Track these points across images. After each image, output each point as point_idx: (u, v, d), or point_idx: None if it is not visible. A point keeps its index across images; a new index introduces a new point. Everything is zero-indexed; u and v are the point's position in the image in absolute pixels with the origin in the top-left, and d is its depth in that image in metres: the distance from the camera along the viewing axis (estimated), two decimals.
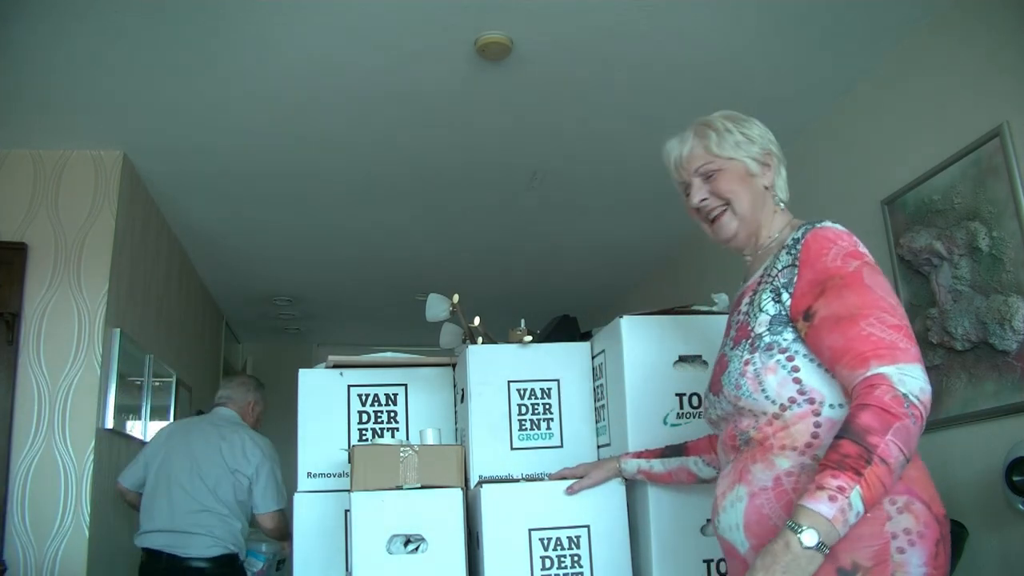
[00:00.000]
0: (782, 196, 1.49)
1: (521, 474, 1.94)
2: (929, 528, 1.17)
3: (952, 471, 2.57)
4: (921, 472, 1.23)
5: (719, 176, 1.48)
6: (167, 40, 2.72)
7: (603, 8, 2.63)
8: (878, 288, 1.22)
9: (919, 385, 1.13)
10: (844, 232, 1.32)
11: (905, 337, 1.17)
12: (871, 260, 1.27)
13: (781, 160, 1.50)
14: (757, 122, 1.52)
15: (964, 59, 2.58)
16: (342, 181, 3.94)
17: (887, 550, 1.14)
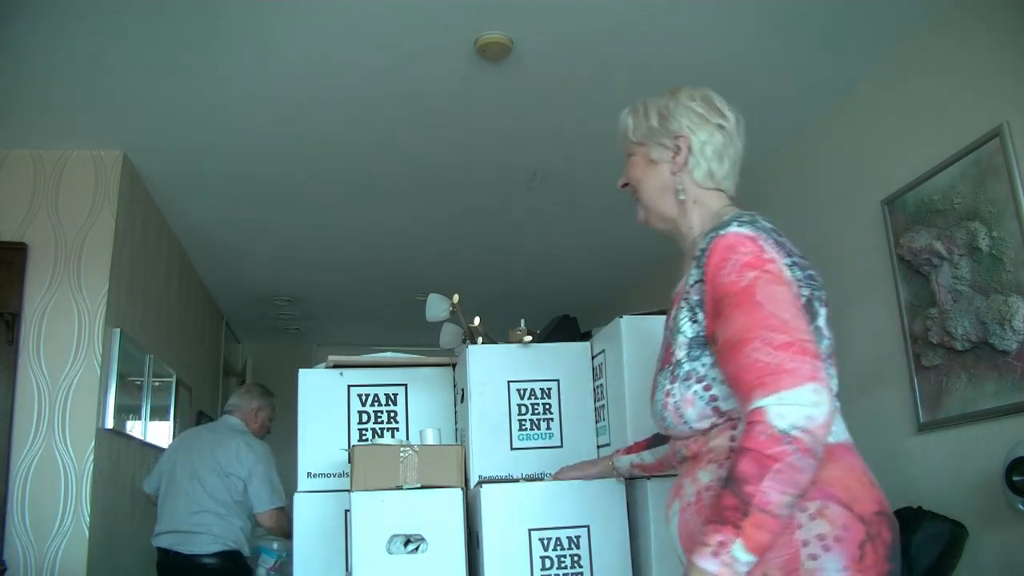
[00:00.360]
0: (700, 181, 1.40)
1: (521, 474, 1.94)
2: (849, 530, 1.13)
3: (952, 471, 2.57)
4: (845, 471, 1.17)
5: (631, 162, 1.48)
6: (167, 40, 2.72)
7: (603, 8, 2.63)
8: (769, 302, 1.14)
9: (804, 413, 1.06)
10: (748, 236, 1.22)
11: (795, 355, 1.09)
12: (775, 267, 1.18)
13: (709, 141, 1.40)
14: (694, 100, 1.43)
15: (964, 59, 2.58)
16: (342, 181, 3.94)
17: (797, 558, 1.11)
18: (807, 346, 1.11)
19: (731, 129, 1.43)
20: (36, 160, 3.42)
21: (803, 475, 1.07)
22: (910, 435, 2.78)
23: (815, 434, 1.06)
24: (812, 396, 1.07)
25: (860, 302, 3.08)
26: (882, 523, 1.17)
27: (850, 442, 1.24)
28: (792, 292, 1.18)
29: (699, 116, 1.41)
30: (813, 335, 1.15)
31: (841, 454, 1.19)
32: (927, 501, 2.55)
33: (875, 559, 1.14)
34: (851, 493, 1.15)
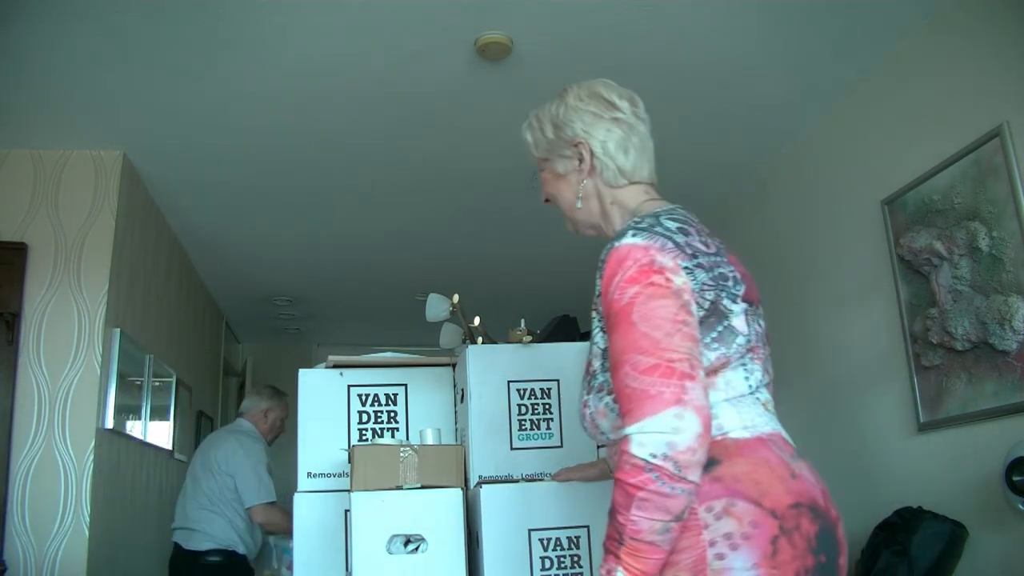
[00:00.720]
0: (612, 181, 1.38)
1: (521, 474, 1.94)
2: (758, 526, 1.10)
3: (952, 471, 2.57)
4: (755, 465, 1.16)
5: (542, 178, 1.47)
6: (167, 40, 2.72)
7: (603, 8, 2.63)
8: (644, 322, 1.13)
9: (664, 440, 1.06)
10: (638, 246, 1.19)
11: (660, 378, 1.09)
12: (660, 279, 1.16)
13: (608, 138, 1.37)
14: (583, 100, 1.40)
15: (964, 59, 2.58)
16: (342, 181, 3.94)
17: (704, 559, 1.10)
18: (674, 367, 1.10)
19: (627, 118, 1.40)
20: (36, 160, 3.42)
21: (672, 500, 1.07)
22: (910, 435, 2.78)
23: (678, 459, 1.06)
24: (673, 422, 1.07)
25: (860, 302, 3.08)
26: (801, 515, 1.13)
27: (771, 434, 1.21)
28: (677, 303, 1.15)
29: (592, 115, 1.39)
30: (689, 351, 1.12)
31: (753, 448, 1.17)
32: (927, 501, 2.55)
33: (793, 553, 1.10)
34: (760, 487, 1.13)
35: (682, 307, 1.16)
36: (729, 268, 1.26)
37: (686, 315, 1.16)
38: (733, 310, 1.23)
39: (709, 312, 1.21)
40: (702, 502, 1.12)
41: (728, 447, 1.17)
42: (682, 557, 1.12)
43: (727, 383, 1.22)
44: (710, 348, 1.20)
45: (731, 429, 1.19)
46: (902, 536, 2.46)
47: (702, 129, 3.43)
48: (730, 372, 1.22)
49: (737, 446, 1.17)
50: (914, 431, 2.76)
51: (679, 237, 1.23)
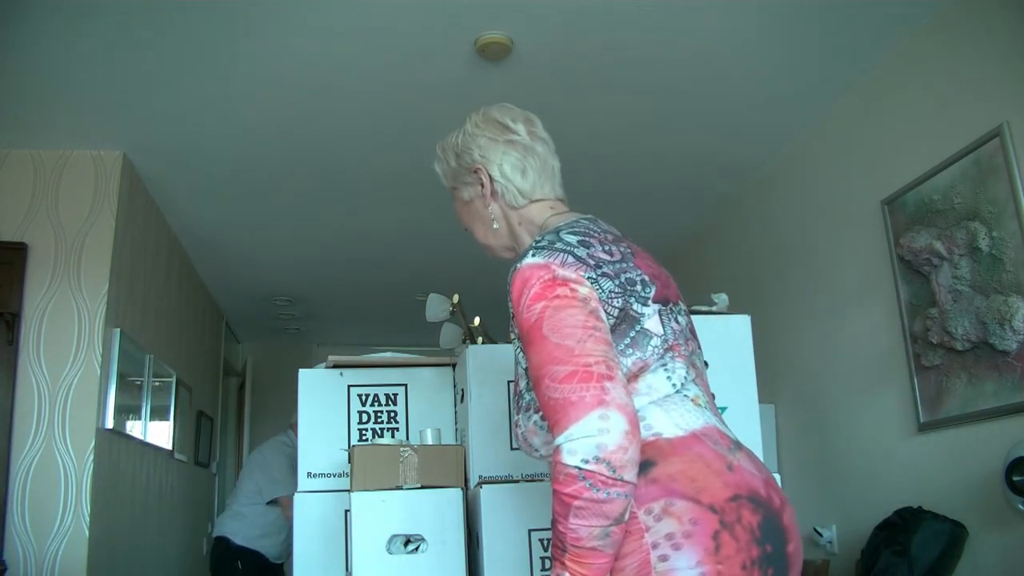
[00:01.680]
0: (514, 202, 1.40)
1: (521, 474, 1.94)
2: (699, 523, 1.10)
3: (952, 471, 2.57)
4: (690, 462, 1.15)
5: (455, 208, 1.49)
6: (167, 40, 2.72)
7: (603, 8, 2.63)
8: (555, 333, 1.14)
9: (592, 443, 1.06)
10: (538, 265, 1.21)
11: (578, 384, 1.10)
12: (565, 291, 1.17)
13: (506, 163, 1.40)
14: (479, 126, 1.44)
15: (964, 59, 2.58)
16: (342, 180, 3.94)
17: (648, 562, 1.10)
18: (591, 370, 1.11)
19: (522, 139, 1.43)
20: (36, 160, 3.42)
21: (608, 505, 1.07)
22: (910, 435, 2.78)
23: (610, 460, 1.06)
24: (598, 423, 1.07)
25: (860, 302, 3.08)
26: (742, 507, 1.13)
27: (704, 428, 1.20)
28: (584, 311, 1.16)
29: (487, 139, 1.42)
30: (604, 354, 1.13)
31: (687, 445, 1.17)
32: (927, 501, 2.55)
33: (736, 546, 1.10)
34: (696, 484, 1.13)
35: (590, 314, 1.16)
36: (636, 272, 1.26)
37: (596, 321, 1.16)
38: (645, 313, 1.23)
39: (619, 319, 1.21)
40: (640, 505, 1.12)
41: (662, 447, 1.17)
42: (627, 563, 1.11)
43: (649, 386, 1.22)
44: (625, 355, 1.20)
45: (663, 429, 1.19)
46: (902, 536, 2.46)
47: (702, 129, 3.43)
48: (650, 375, 1.22)
49: (671, 445, 1.17)
50: (914, 431, 2.76)
51: (580, 251, 1.24)
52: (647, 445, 1.16)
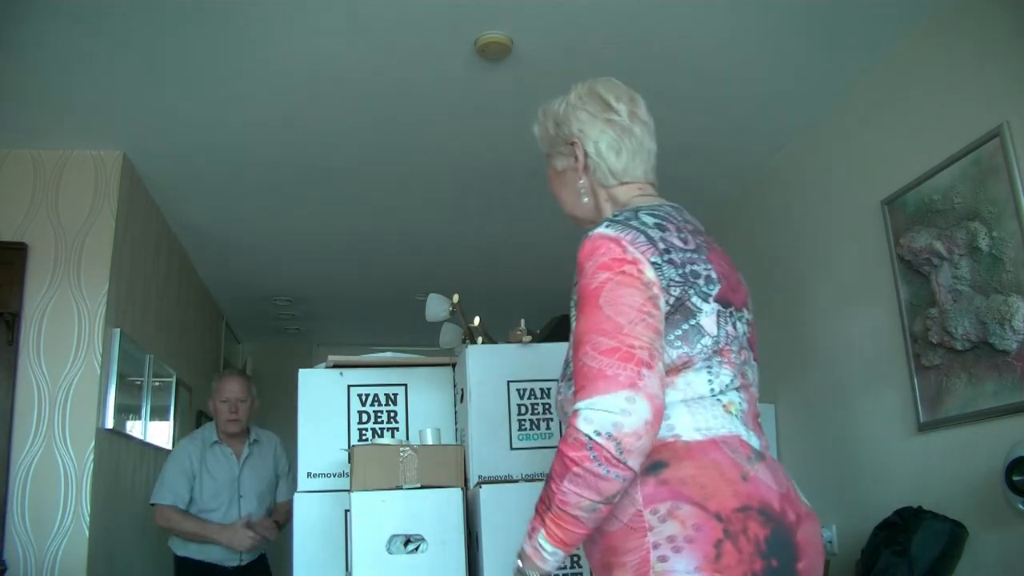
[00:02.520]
0: (603, 181, 1.40)
1: (521, 474, 1.94)
2: (701, 530, 1.10)
3: (952, 471, 2.57)
4: (704, 468, 1.15)
5: (547, 173, 1.49)
6: (167, 40, 2.72)
7: (603, 8, 2.63)
8: (610, 306, 1.15)
9: (611, 420, 1.08)
10: (610, 237, 1.21)
11: (618, 361, 1.11)
12: (632, 269, 1.17)
13: (601, 142, 1.38)
14: (582, 99, 1.41)
15: (964, 59, 2.58)
16: (342, 181, 3.94)
17: (647, 561, 1.11)
18: (634, 352, 1.12)
19: (623, 120, 1.41)
20: (36, 160, 3.42)
21: (604, 482, 1.09)
22: (910, 435, 2.78)
23: (621, 441, 1.08)
24: (623, 404, 1.08)
25: (860, 302, 3.08)
26: (749, 519, 1.12)
27: (726, 436, 1.20)
28: (644, 295, 1.16)
29: (588, 115, 1.40)
30: (651, 341, 1.13)
31: (703, 450, 1.17)
32: (927, 501, 2.55)
33: (739, 557, 1.10)
34: (706, 491, 1.13)
35: (649, 299, 1.17)
36: (705, 266, 1.25)
37: (652, 307, 1.16)
38: (703, 309, 1.22)
39: (674, 308, 1.20)
40: (647, 504, 1.13)
41: (677, 450, 1.17)
42: (628, 559, 1.12)
43: (687, 384, 1.21)
44: (673, 346, 1.20)
45: (682, 431, 1.18)
46: (902, 536, 2.46)
47: (702, 129, 3.43)
48: (692, 373, 1.21)
49: (687, 448, 1.17)
50: (914, 431, 2.76)
51: (654, 232, 1.23)
52: (663, 445, 1.16)
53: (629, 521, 1.14)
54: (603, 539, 1.18)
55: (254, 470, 3.33)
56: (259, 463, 3.37)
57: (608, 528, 1.17)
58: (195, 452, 3.26)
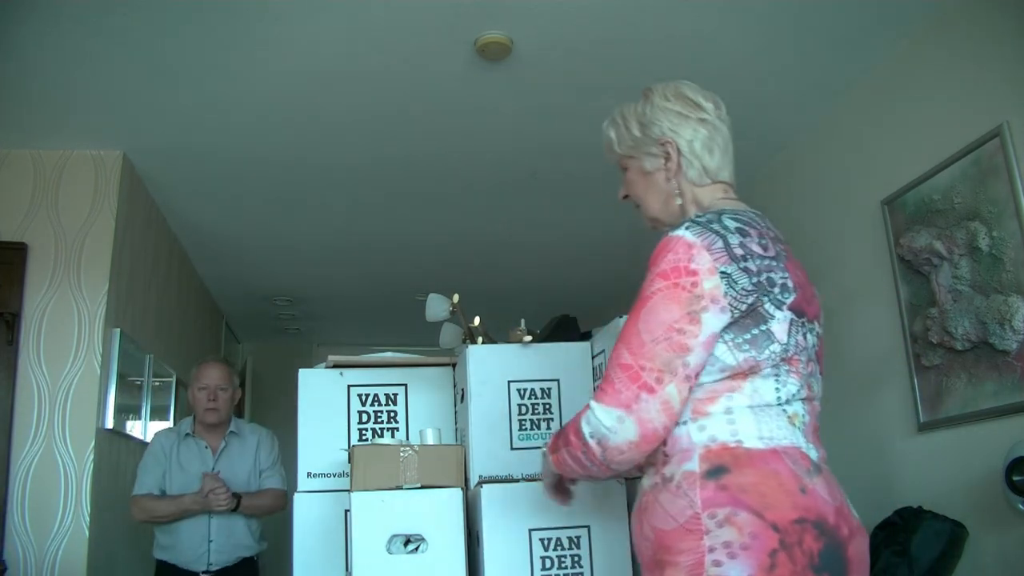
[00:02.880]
0: (696, 179, 1.39)
1: (521, 474, 1.94)
2: (758, 538, 1.11)
3: (952, 471, 2.57)
4: (764, 477, 1.16)
5: (626, 176, 1.49)
6: (167, 40, 2.72)
7: (603, 8, 2.63)
8: (644, 320, 1.21)
9: (601, 430, 1.20)
10: (685, 241, 1.23)
11: (626, 379, 1.20)
12: (685, 281, 1.20)
13: (695, 138, 1.38)
14: (669, 100, 1.41)
15: (964, 59, 2.58)
16: (342, 180, 3.94)
17: (702, 563, 1.12)
18: (640, 375, 1.19)
19: (712, 119, 1.41)
20: (36, 160, 3.42)
21: (588, 470, 1.27)
22: (910, 435, 2.78)
23: (606, 450, 1.21)
24: (614, 422, 1.19)
25: (860, 302, 3.08)
26: (805, 531, 1.13)
27: (788, 447, 1.21)
28: (685, 310, 1.19)
29: (678, 115, 1.40)
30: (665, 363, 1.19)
31: (765, 460, 1.18)
32: (927, 501, 2.55)
33: (792, 569, 1.11)
34: (765, 500, 1.14)
35: (689, 314, 1.19)
36: (782, 274, 1.26)
37: (687, 323, 1.19)
38: (775, 316, 1.23)
39: (745, 314, 1.21)
40: (706, 508, 1.14)
41: (739, 456, 1.18)
42: (681, 559, 1.14)
43: (754, 390, 1.22)
44: (740, 349, 1.21)
45: (745, 438, 1.20)
46: (902, 536, 2.46)
47: None
48: (759, 379, 1.22)
49: (748, 456, 1.18)
50: (914, 431, 2.76)
51: (734, 237, 1.24)
52: (725, 450, 1.18)
53: (686, 523, 1.15)
54: (656, 536, 1.20)
55: (230, 465, 3.09)
56: (236, 458, 3.12)
57: (663, 526, 1.19)
58: (168, 443, 3.09)
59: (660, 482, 1.22)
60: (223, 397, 3.13)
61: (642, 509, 1.25)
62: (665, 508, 1.19)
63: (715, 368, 1.21)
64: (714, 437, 1.20)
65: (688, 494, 1.16)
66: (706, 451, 1.19)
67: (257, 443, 3.17)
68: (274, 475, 3.15)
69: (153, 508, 2.97)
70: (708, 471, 1.17)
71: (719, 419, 1.21)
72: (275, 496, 3.10)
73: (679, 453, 1.21)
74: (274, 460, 3.18)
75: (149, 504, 2.98)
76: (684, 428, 1.22)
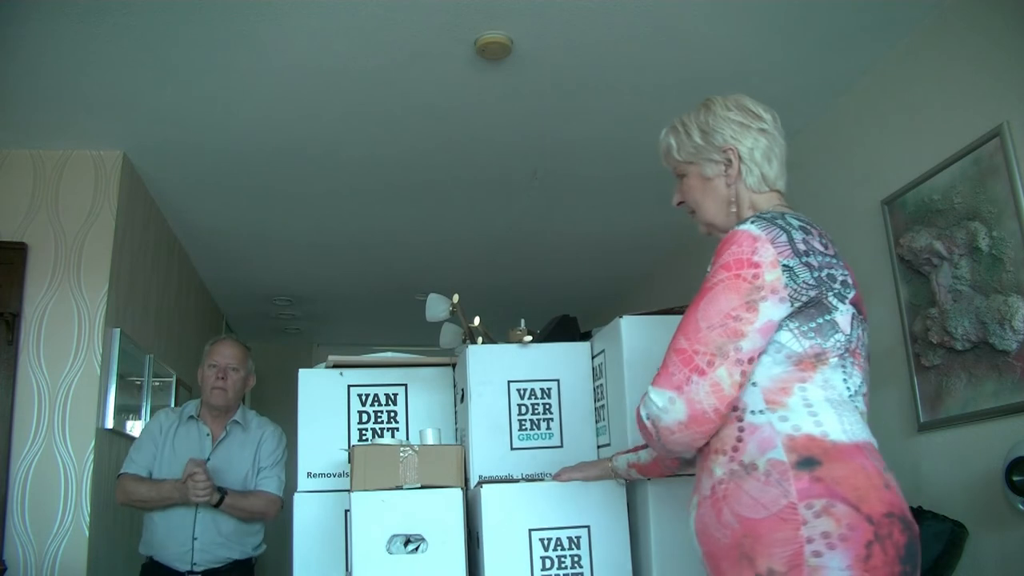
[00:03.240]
0: (756, 186, 1.44)
1: (521, 474, 1.94)
2: (855, 530, 1.15)
3: (952, 471, 2.57)
4: (853, 471, 1.20)
5: (685, 182, 1.52)
6: (167, 40, 2.72)
7: (603, 8, 2.63)
8: (703, 308, 1.27)
9: (653, 412, 1.27)
10: (751, 235, 1.29)
11: (680, 361, 1.26)
12: (748, 273, 1.25)
13: (755, 147, 1.44)
14: (731, 110, 1.45)
15: (964, 59, 2.58)
16: (342, 180, 3.94)
17: (801, 554, 1.14)
18: (694, 359, 1.24)
19: (771, 129, 1.47)
20: (36, 160, 3.42)
21: (653, 449, 1.37)
22: (910, 435, 2.78)
23: (659, 430, 1.27)
24: (665, 403, 1.25)
25: None
26: (893, 525, 1.17)
27: (867, 443, 1.25)
28: (743, 299, 1.25)
29: (739, 124, 1.45)
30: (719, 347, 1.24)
31: (851, 454, 1.21)
32: (927, 501, 2.55)
33: (884, 560, 1.15)
34: (859, 493, 1.17)
35: (747, 303, 1.24)
36: (842, 272, 1.33)
37: (745, 312, 1.24)
38: (839, 308, 1.29)
39: (809, 304, 1.26)
40: (802, 499, 1.16)
41: (828, 449, 1.21)
42: (776, 549, 1.15)
43: (826, 381, 1.26)
44: (806, 336, 1.26)
45: (830, 430, 1.22)
46: None
47: None
48: (828, 370, 1.26)
49: (837, 449, 1.21)
50: (914, 431, 2.76)
51: (797, 234, 1.30)
52: (813, 441, 1.21)
53: (779, 512, 1.17)
54: (743, 525, 1.20)
55: (227, 457, 2.80)
56: (236, 450, 2.82)
57: (751, 515, 1.20)
58: (167, 423, 2.84)
59: (739, 469, 1.24)
60: (234, 378, 2.84)
61: (718, 497, 1.25)
62: (753, 496, 1.20)
63: (781, 355, 1.26)
64: (798, 427, 1.23)
65: (781, 483, 1.18)
66: (791, 441, 1.21)
67: (261, 438, 2.85)
68: (271, 477, 2.82)
69: (133, 490, 2.72)
70: (798, 462, 1.19)
71: (800, 411, 1.24)
72: (267, 501, 2.78)
73: (759, 441, 1.23)
74: (275, 461, 2.86)
75: (131, 485, 2.73)
76: (763, 417, 1.25)
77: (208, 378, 2.85)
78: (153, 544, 2.75)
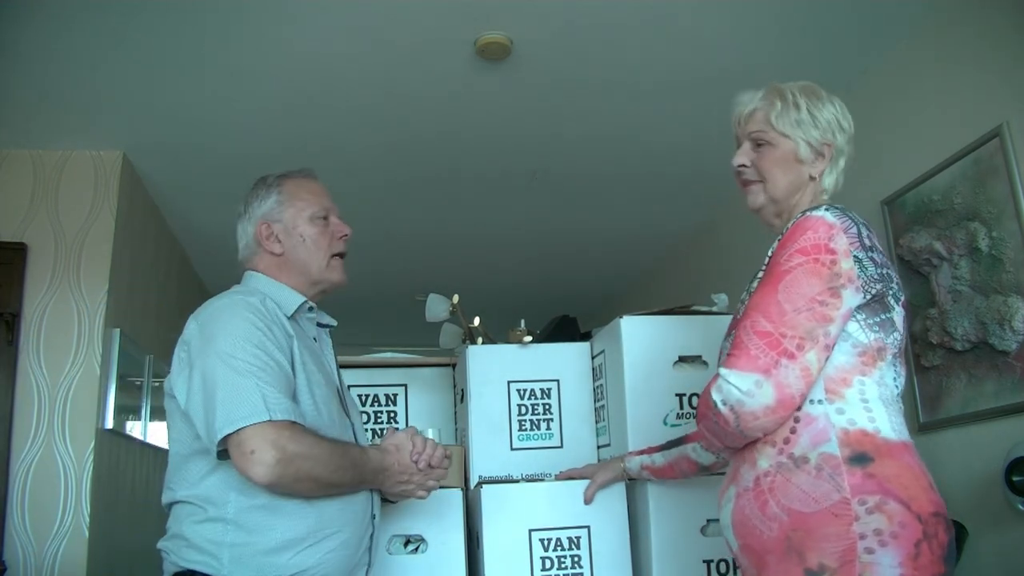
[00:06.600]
0: (829, 189, 1.46)
1: (521, 474, 1.94)
2: (906, 528, 1.16)
3: (952, 471, 2.57)
4: (903, 469, 1.21)
5: (767, 151, 1.45)
6: (167, 40, 2.72)
7: (603, 8, 2.63)
8: (787, 290, 1.22)
9: (736, 395, 1.19)
10: (827, 222, 1.28)
11: (764, 345, 1.20)
12: (825, 258, 1.24)
13: (842, 152, 1.47)
14: (836, 105, 1.48)
15: (964, 59, 2.58)
16: (341, 180, 3.93)
17: (854, 550, 1.14)
18: (781, 342, 1.19)
19: (850, 137, 1.50)
20: (36, 160, 3.42)
21: (716, 439, 1.28)
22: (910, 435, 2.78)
23: (740, 417, 1.20)
24: (751, 386, 1.19)
25: None
26: (939, 524, 1.19)
27: (911, 442, 1.26)
28: (825, 285, 1.22)
29: (838, 125, 1.48)
30: (808, 331, 1.20)
31: (900, 453, 1.22)
32: None
33: (931, 558, 1.16)
34: (909, 492, 1.18)
35: (829, 289, 1.22)
36: (896, 275, 1.33)
37: (828, 296, 1.22)
38: (895, 308, 1.29)
39: (875, 298, 1.26)
40: (855, 495, 1.16)
41: (879, 446, 1.21)
42: (827, 545, 1.15)
43: (881, 378, 1.26)
44: (871, 328, 1.26)
45: (882, 427, 1.23)
46: None
47: (702, 128, 3.42)
48: (885, 368, 1.27)
49: (888, 447, 1.21)
50: (914, 431, 2.75)
51: (864, 228, 1.31)
52: (866, 437, 1.21)
53: (832, 507, 1.16)
54: (792, 518, 1.19)
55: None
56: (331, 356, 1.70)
57: (802, 508, 1.19)
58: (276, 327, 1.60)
59: (788, 462, 1.22)
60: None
61: (763, 489, 1.23)
62: (804, 490, 1.19)
63: (847, 344, 1.25)
64: (853, 421, 1.22)
65: (834, 478, 1.18)
66: (844, 435, 1.21)
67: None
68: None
69: (312, 452, 1.39)
70: (851, 457, 1.19)
71: (856, 405, 1.23)
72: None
73: (812, 434, 1.22)
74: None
75: (306, 441, 1.39)
76: (820, 408, 1.23)
77: (320, 238, 1.76)
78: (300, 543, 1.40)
